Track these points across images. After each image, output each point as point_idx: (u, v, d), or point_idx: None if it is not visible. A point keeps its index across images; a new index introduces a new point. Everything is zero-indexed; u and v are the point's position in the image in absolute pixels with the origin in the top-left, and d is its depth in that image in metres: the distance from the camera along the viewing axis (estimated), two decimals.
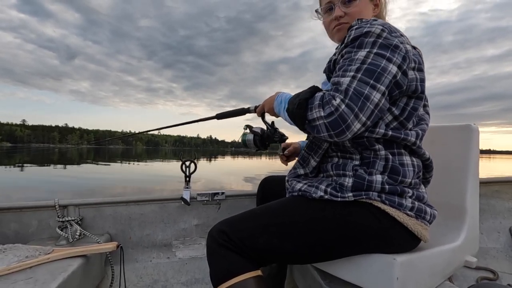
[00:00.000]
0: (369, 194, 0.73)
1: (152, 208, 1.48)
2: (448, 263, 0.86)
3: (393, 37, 0.70)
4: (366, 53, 0.68)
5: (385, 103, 0.67)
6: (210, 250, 0.76)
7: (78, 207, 1.37)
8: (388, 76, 0.66)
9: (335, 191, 0.75)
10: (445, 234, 0.95)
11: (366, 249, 0.77)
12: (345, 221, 0.74)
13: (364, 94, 0.64)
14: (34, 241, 1.29)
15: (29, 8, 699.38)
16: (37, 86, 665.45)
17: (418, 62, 0.74)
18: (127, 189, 8.43)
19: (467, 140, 1.00)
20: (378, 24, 0.71)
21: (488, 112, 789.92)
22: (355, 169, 0.76)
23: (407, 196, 0.74)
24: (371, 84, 0.64)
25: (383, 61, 0.66)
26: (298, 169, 0.92)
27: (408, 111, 0.75)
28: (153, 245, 1.48)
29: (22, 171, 14.00)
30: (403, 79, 0.69)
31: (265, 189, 1.20)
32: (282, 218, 0.77)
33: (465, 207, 0.97)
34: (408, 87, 0.72)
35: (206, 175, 12.34)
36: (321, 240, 0.75)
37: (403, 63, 0.68)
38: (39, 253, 1.07)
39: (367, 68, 0.66)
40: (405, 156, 0.76)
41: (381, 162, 0.75)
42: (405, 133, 0.75)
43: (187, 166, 1.50)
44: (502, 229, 1.58)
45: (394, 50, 0.68)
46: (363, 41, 0.70)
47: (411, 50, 0.73)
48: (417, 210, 0.75)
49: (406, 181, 0.74)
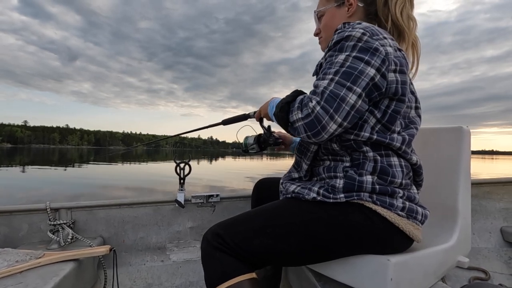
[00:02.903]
0: (360, 195, 0.74)
1: (146, 210, 1.46)
2: (441, 263, 0.87)
3: (373, 40, 0.71)
4: (345, 56, 0.70)
5: (362, 105, 0.69)
6: (205, 253, 0.76)
7: (70, 210, 1.35)
8: (365, 78, 0.68)
9: (327, 193, 0.76)
10: (438, 234, 0.96)
11: (360, 250, 0.77)
12: (338, 221, 0.74)
13: (340, 96, 0.66)
14: (25, 245, 1.26)
15: (30, 10, 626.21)
16: (38, 88, 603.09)
17: (400, 64, 0.73)
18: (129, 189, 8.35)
19: (458, 142, 1.02)
20: (360, 28, 0.72)
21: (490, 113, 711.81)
22: (346, 170, 0.77)
23: (398, 197, 0.75)
24: (348, 86, 0.67)
25: (361, 64, 0.68)
26: (292, 173, 0.93)
27: (390, 113, 0.75)
28: (147, 248, 1.46)
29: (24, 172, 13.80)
30: (381, 81, 0.70)
31: (260, 191, 1.20)
32: (277, 219, 0.77)
33: (457, 208, 0.99)
34: (388, 89, 0.72)
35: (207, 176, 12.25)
36: (315, 241, 0.75)
37: (382, 65, 0.69)
38: (29, 257, 1.05)
39: (345, 71, 0.68)
40: (393, 158, 0.77)
41: (370, 163, 0.75)
42: (391, 138, 0.75)
43: (182, 168, 1.49)
44: (493, 229, 1.61)
45: (373, 53, 0.69)
46: (343, 45, 0.72)
47: (392, 53, 0.72)
48: (408, 210, 0.76)
49: (396, 181, 0.75)
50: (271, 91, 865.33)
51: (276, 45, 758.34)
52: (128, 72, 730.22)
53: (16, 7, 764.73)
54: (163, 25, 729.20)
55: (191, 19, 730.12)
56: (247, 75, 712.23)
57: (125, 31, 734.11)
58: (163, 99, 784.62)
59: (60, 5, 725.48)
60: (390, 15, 0.82)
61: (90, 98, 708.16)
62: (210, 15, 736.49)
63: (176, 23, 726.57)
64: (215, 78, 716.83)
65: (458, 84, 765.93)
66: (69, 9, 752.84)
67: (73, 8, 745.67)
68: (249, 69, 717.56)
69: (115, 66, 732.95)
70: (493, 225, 1.61)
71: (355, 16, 0.88)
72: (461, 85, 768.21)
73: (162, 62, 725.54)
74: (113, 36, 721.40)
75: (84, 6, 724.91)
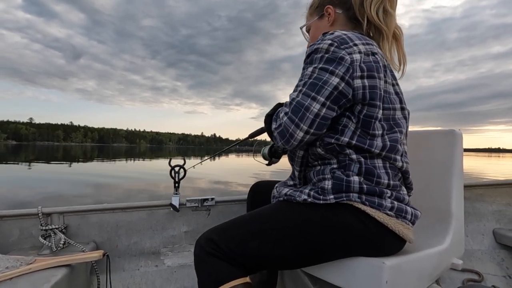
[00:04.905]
0: (349, 196, 0.75)
1: (140, 215, 1.45)
2: (435, 266, 0.88)
3: (340, 50, 0.74)
4: (313, 68, 0.76)
5: (327, 112, 0.73)
6: (198, 259, 0.76)
7: (63, 215, 1.33)
8: (328, 88, 0.72)
9: (318, 194, 0.77)
10: (432, 237, 0.97)
11: (353, 251, 0.77)
12: (329, 222, 0.75)
13: (305, 106, 0.73)
14: (15, 251, 1.24)
15: (35, 9, 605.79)
16: (44, 85, 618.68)
17: (368, 69, 0.74)
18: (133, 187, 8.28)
19: (451, 145, 1.03)
20: (329, 39, 0.76)
21: (496, 111, 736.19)
22: (333, 172, 0.78)
23: (386, 197, 0.76)
24: (312, 96, 0.73)
25: (326, 74, 0.73)
26: (288, 181, 0.95)
27: (363, 119, 0.76)
28: (140, 253, 1.44)
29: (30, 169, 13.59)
30: (347, 89, 0.73)
31: (255, 194, 1.20)
32: (270, 222, 0.78)
33: (451, 211, 1.00)
34: (355, 96, 0.74)
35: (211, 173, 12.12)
36: (308, 243, 0.76)
37: (346, 73, 0.73)
38: (20, 263, 1.03)
39: (311, 82, 0.74)
40: (377, 160, 0.77)
41: (356, 164, 0.76)
42: (370, 143, 0.76)
43: (176, 172, 1.48)
44: (486, 231, 1.63)
45: (339, 62, 0.73)
46: (313, 57, 0.78)
47: (360, 59, 0.74)
48: (397, 210, 0.76)
49: (383, 182, 0.76)
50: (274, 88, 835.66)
51: (279, 42, 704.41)
52: (132, 70, 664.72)
53: (21, 5, 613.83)
54: (166, 23, 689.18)
55: (193, 17, 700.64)
56: (250, 73, 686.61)
57: (128, 29, 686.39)
58: (167, 96, 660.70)
59: (64, 3, 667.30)
60: (366, 15, 0.84)
61: (95, 95, 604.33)
62: (212, 13, 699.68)
63: (179, 20, 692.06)
64: (219, 76, 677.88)
65: (463, 81, 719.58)
66: (73, 8, 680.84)
67: (77, 6, 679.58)
68: (252, 66, 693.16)
69: (119, 64, 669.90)
70: (486, 227, 1.63)
71: (337, 23, 0.91)
72: (467, 82, 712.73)
73: (165, 60, 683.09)
74: (117, 34, 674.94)
75: (87, 5, 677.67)
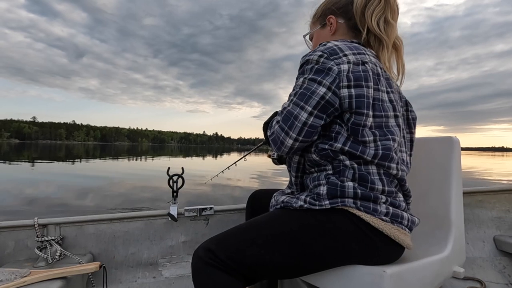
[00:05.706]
0: (344, 201, 0.75)
1: (137, 225, 1.43)
2: (437, 274, 0.86)
3: (329, 61, 0.77)
4: (303, 79, 0.79)
5: (315, 121, 0.77)
6: (196, 270, 0.75)
7: (59, 226, 1.31)
8: (315, 97, 0.76)
9: (313, 200, 0.78)
10: (433, 245, 0.96)
11: (351, 257, 0.77)
12: (325, 228, 0.75)
13: (294, 115, 0.77)
14: (10, 263, 1.22)
15: (37, 8, 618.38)
16: (47, 84, 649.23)
17: (356, 79, 0.75)
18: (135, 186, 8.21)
19: (449, 152, 1.03)
20: (319, 51, 0.79)
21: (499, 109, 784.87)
22: (328, 177, 0.79)
23: (381, 202, 0.76)
24: (301, 105, 0.77)
25: (314, 84, 0.77)
26: (285, 189, 0.96)
27: (351, 126, 0.77)
28: (138, 264, 1.42)
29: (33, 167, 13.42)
30: (333, 98, 0.76)
31: (254, 203, 1.20)
32: (267, 230, 0.78)
33: (451, 218, 0.99)
34: (342, 104, 0.76)
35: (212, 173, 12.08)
36: (305, 249, 0.75)
37: (332, 84, 0.76)
38: (15, 276, 1.01)
39: (301, 92, 0.78)
40: (371, 166, 0.77)
41: (350, 170, 0.77)
42: (362, 150, 0.76)
43: (175, 181, 1.47)
44: (486, 238, 1.61)
45: (327, 73, 0.76)
46: (304, 68, 0.81)
47: (347, 70, 0.75)
48: (393, 215, 0.76)
49: (377, 188, 0.76)
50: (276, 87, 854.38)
51: (280, 41, 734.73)
52: (134, 69, 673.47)
53: (24, 5, 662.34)
54: (168, 22, 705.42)
55: (195, 16, 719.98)
56: (252, 71, 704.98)
57: (130, 28, 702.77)
58: (169, 95, 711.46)
59: (66, 2, 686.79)
60: (366, 25, 0.86)
61: (98, 94, 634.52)
62: (214, 12, 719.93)
63: (181, 19, 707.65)
64: (220, 75, 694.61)
65: (466, 79, 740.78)
66: (75, 7, 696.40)
67: (79, 5, 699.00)
68: (254, 65, 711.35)
69: (121, 63, 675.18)
70: (486, 234, 1.62)
71: (339, 33, 0.93)
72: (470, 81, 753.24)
73: (167, 59, 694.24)
74: (119, 33, 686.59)
75: (90, 4, 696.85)
